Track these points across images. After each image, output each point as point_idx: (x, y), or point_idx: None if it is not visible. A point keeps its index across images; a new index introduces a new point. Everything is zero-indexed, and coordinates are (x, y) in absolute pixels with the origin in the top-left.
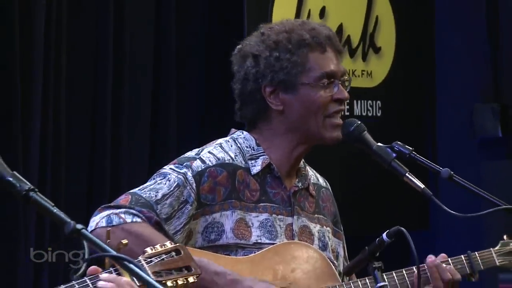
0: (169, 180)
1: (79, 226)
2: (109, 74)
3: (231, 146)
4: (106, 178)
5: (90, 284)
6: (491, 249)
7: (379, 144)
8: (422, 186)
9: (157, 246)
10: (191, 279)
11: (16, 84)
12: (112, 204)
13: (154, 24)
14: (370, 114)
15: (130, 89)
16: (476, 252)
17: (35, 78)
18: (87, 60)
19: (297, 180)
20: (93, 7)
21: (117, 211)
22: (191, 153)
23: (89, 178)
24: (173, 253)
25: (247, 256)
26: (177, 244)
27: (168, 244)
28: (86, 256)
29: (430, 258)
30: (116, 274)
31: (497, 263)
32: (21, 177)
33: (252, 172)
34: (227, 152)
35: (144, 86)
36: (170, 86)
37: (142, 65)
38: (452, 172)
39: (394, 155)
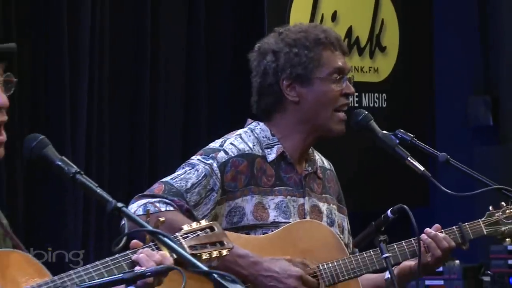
0: (197, 171)
1: (119, 204)
2: (146, 70)
3: (250, 136)
4: (145, 161)
5: (132, 257)
6: (479, 220)
7: (384, 131)
8: (422, 168)
9: (193, 224)
10: (224, 252)
11: (65, 80)
12: (147, 193)
13: (186, 29)
14: (376, 105)
15: (165, 85)
16: (466, 223)
17: (81, 73)
18: (127, 58)
19: (307, 165)
20: (132, 11)
21: (152, 200)
22: (215, 145)
23: (130, 162)
24: (208, 230)
25: (265, 234)
26: (211, 222)
27: (203, 222)
28: (126, 231)
29: (427, 230)
30: (156, 248)
31: (485, 233)
32: (69, 162)
33: (268, 160)
34: (246, 143)
35: (177, 82)
36: (200, 82)
37: (176, 61)
38: (448, 157)
39: (397, 141)
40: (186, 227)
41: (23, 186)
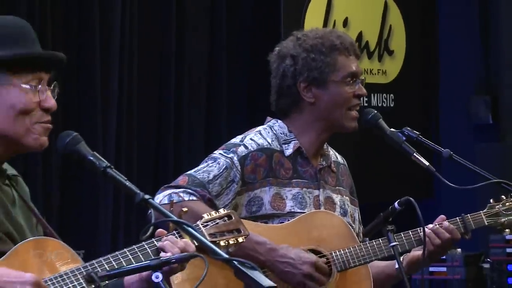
0: (219, 164)
1: (146, 196)
2: (172, 71)
3: (268, 132)
4: (170, 156)
5: (156, 244)
6: (481, 211)
7: (392, 129)
8: (427, 163)
9: (212, 213)
10: (240, 239)
11: (96, 81)
12: (172, 184)
13: (208, 33)
14: (384, 105)
15: (188, 85)
16: (468, 215)
17: (112, 73)
18: (154, 59)
19: (321, 159)
20: (158, 15)
21: (177, 190)
22: (236, 140)
23: (156, 157)
24: (226, 218)
25: (281, 223)
26: (229, 211)
27: (222, 211)
28: (152, 221)
29: (429, 226)
30: (178, 236)
31: (486, 223)
32: (100, 157)
33: (286, 154)
34: (265, 138)
35: (200, 82)
36: (222, 82)
37: (199, 63)
38: (451, 153)
39: (404, 138)
40: (206, 216)
41: (58, 181)
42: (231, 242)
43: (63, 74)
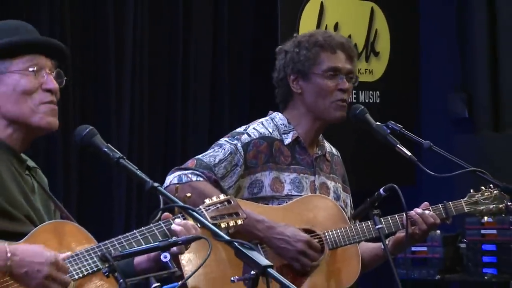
0: (224, 149)
1: (155, 184)
2: (179, 71)
3: (270, 123)
4: (177, 149)
5: (163, 226)
6: (461, 199)
7: (378, 123)
8: (409, 154)
9: (214, 198)
10: (239, 222)
11: (111, 80)
12: (182, 166)
13: (212, 34)
14: (371, 101)
15: (194, 85)
16: (450, 202)
17: (125, 73)
18: (163, 61)
19: (317, 149)
20: (166, 19)
21: (186, 172)
22: (240, 129)
23: (164, 150)
24: (226, 203)
25: (280, 205)
26: (228, 196)
27: (222, 196)
28: (161, 206)
29: (416, 209)
30: (183, 219)
31: (465, 210)
32: (114, 148)
33: (285, 143)
34: (266, 128)
35: (205, 80)
36: (224, 82)
37: (203, 63)
38: (431, 144)
39: (388, 131)
40: (207, 201)
41: (76, 173)
42: (230, 224)
43: (83, 75)
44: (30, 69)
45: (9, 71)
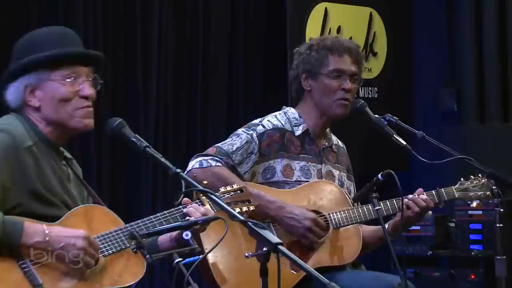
0: (241, 138)
1: (178, 170)
2: (199, 70)
3: (283, 117)
4: (197, 139)
5: (182, 210)
6: (452, 186)
7: (376, 115)
8: (404, 143)
9: (228, 187)
10: (251, 208)
11: (139, 78)
12: (203, 153)
13: (229, 41)
14: (370, 96)
15: (213, 81)
16: (442, 188)
17: (151, 73)
18: (185, 60)
19: (324, 141)
20: (187, 28)
21: (206, 158)
22: (256, 121)
23: (187, 140)
24: (238, 191)
25: (290, 189)
26: (241, 186)
27: (235, 185)
28: (183, 190)
29: (409, 196)
30: (200, 203)
31: (456, 196)
32: (141, 138)
33: (296, 134)
34: (279, 121)
35: (221, 80)
36: (239, 80)
37: (221, 64)
38: (424, 134)
39: (385, 122)
40: (222, 189)
41: (108, 162)
42: (243, 209)
43: (115, 73)
44: (68, 79)
45: (49, 79)
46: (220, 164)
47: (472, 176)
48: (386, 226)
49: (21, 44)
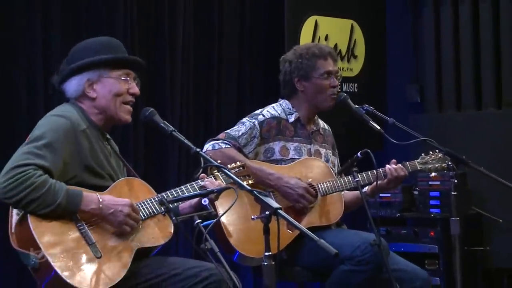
0: (246, 126)
1: (197, 149)
2: (215, 71)
3: (279, 107)
4: (213, 124)
5: (200, 182)
6: (415, 160)
7: (356, 106)
8: (378, 128)
9: (233, 164)
10: (250, 181)
11: (167, 76)
12: (215, 138)
13: (238, 47)
14: (351, 91)
15: (226, 79)
16: (407, 162)
17: (176, 72)
18: (203, 62)
19: (313, 126)
20: (205, 34)
21: (218, 141)
22: (257, 111)
23: (204, 125)
24: (241, 168)
25: (286, 165)
26: (243, 163)
27: (238, 163)
28: (202, 165)
29: (388, 165)
30: (214, 178)
31: (418, 168)
32: (168, 124)
33: (289, 121)
34: (276, 111)
35: (233, 77)
36: (247, 78)
37: (232, 65)
38: (395, 121)
39: (364, 111)
40: (229, 166)
41: (143, 141)
42: (244, 183)
43: (148, 72)
44: (123, 78)
45: (109, 76)
46: (229, 146)
47: (431, 152)
48: (366, 189)
49: (79, 48)
